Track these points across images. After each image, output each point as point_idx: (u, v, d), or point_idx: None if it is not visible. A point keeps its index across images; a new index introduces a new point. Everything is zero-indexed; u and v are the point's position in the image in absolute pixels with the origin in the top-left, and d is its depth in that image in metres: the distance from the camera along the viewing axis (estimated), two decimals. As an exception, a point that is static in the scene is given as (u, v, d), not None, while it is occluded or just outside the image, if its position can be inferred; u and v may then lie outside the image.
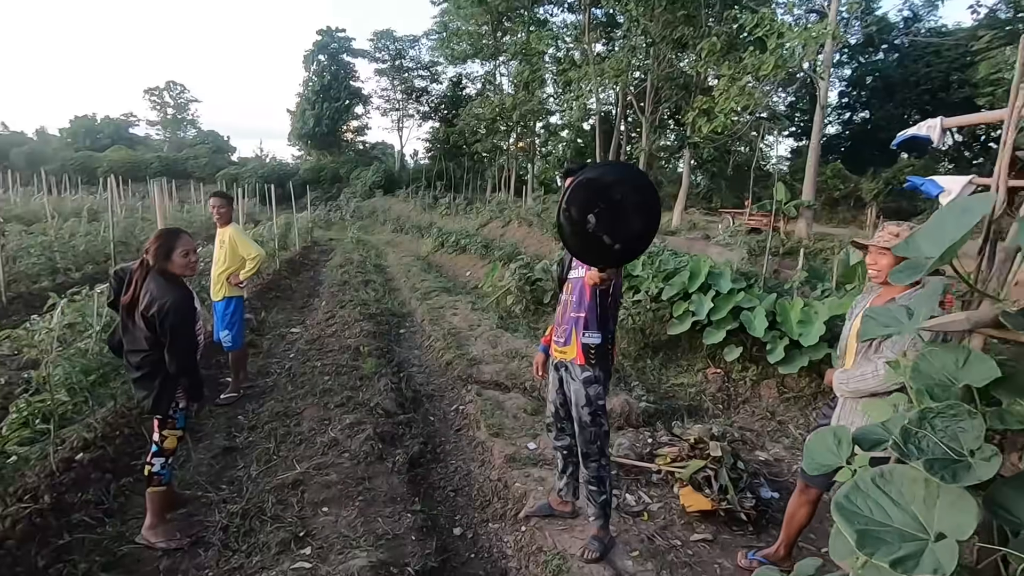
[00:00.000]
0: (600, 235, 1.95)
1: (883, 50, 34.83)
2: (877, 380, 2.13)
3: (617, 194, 1.94)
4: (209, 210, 4.75)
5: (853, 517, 1.15)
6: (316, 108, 39.05)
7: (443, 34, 33.28)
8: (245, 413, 4.42)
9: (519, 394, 4.92)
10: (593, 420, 2.61)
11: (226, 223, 4.56)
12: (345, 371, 5.20)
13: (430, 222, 17.98)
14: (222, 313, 4.56)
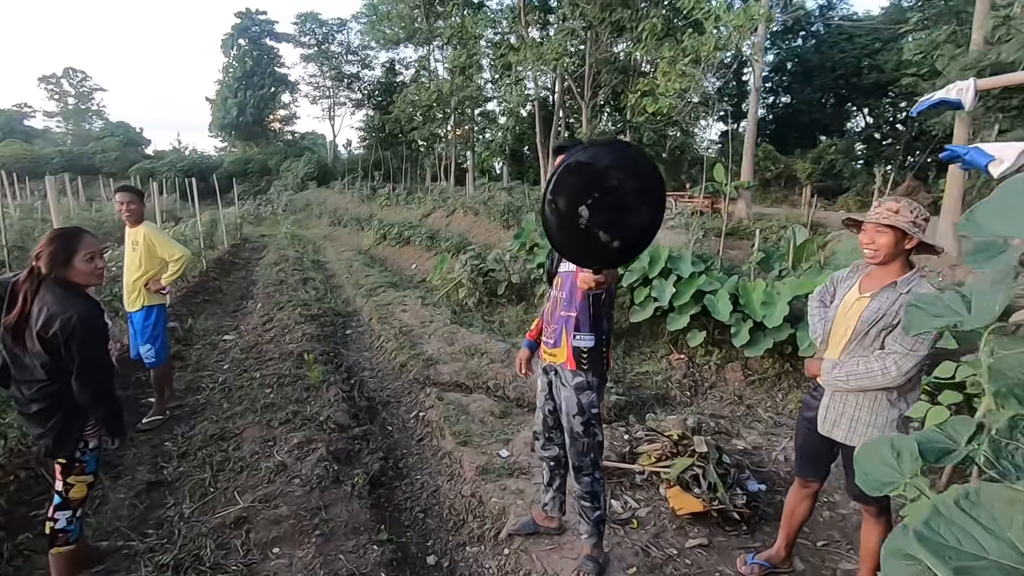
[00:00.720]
0: (595, 231, 1.57)
1: (801, 36, 36.50)
2: (888, 378, 1.95)
3: (614, 180, 1.54)
4: (116, 207, 4.11)
5: (941, 550, 0.90)
6: (239, 96, 36.66)
7: (372, 17, 31.95)
8: (173, 438, 3.87)
9: (483, 395, 4.61)
10: (586, 430, 2.33)
11: (138, 221, 3.95)
12: (288, 381, 4.71)
13: (370, 214, 17.23)
14: (141, 325, 3.97)
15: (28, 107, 52.59)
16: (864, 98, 32.05)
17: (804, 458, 2.39)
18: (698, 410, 4.56)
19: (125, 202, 3.88)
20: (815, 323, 2.36)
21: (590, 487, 2.40)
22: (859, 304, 2.08)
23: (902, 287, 1.98)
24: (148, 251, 3.86)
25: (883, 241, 2.04)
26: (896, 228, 1.99)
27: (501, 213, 10.96)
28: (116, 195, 3.93)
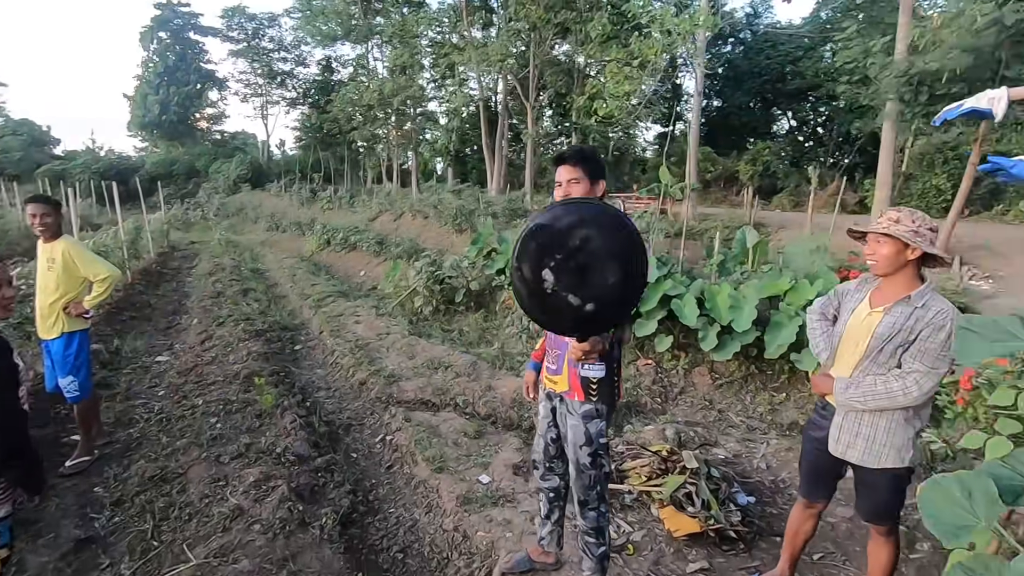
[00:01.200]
0: (563, 295, 1.48)
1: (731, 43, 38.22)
2: (909, 399, 1.87)
3: (576, 239, 1.47)
4: (27, 220, 3.56)
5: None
6: (160, 93, 34.24)
7: (307, 12, 30.69)
8: (104, 483, 3.40)
9: (453, 413, 4.36)
10: (593, 462, 2.15)
11: (54, 236, 3.44)
12: (237, 408, 4.28)
13: (311, 218, 16.45)
14: (61, 355, 3.46)
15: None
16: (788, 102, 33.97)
17: (812, 479, 2.30)
18: (672, 418, 4.50)
19: (39, 215, 3.36)
20: (817, 338, 2.27)
21: (595, 522, 2.22)
22: (871, 319, 2.01)
23: (916, 301, 1.92)
24: (67, 270, 3.37)
25: (884, 252, 1.97)
26: (896, 238, 1.93)
27: (453, 217, 10.67)
28: (28, 207, 3.40)
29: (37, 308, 3.52)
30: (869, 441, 1.98)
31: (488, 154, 22.53)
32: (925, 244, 1.90)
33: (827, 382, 2.10)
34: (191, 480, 3.29)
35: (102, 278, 3.44)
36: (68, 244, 3.44)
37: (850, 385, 2.00)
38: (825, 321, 2.27)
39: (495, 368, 5.26)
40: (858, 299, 2.11)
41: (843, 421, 2.05)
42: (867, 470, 2.00)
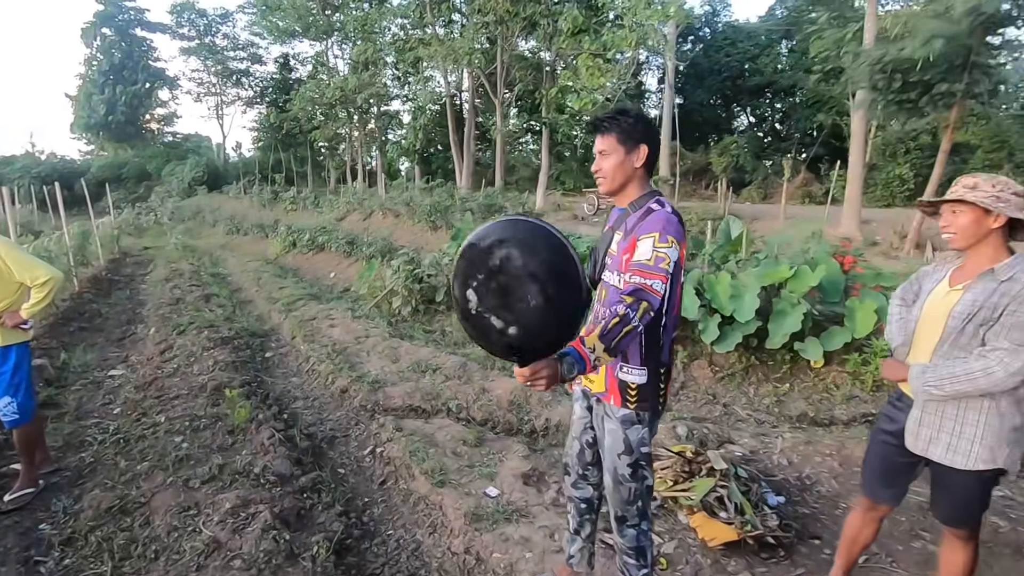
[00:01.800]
0: (487, 317, 1.38)
1: (691, 41, 38.81)
2: (991, 380, 1.63)
3: (497, 259, 1.37)
4: None
5: None
6: (107, 92, 32.44)
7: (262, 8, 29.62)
8: (52, 518, 2.94)
9: (448, 419, 4.03)
10: (634, 473, 1.86)
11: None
12: (205, 424, 3.85)
13: (275, 220, 15.73)
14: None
15: None
16: (747, 99, 34.79)
17: (881, 478, 2.06)
18: (678, 414, 4.28)
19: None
20: (891, 323, 2.04)
21: (636, 541, 1.94)
22: (950, 298, 1.79)
23: (1002, 274, 1.70)
24: (0, 274, 2.91)
25: (961, 222, 1.76)
26: (974, 205, 1.72)
27: (428, 214, 10.27)
28: None
29: None
30: (955, 436, 1.76)
31: (456, 152, 22.16)
32: (1010, 209, 1.68)
33: (899, 368, 1.88)
34: (155, 510, 2.86)
35: (41, 282, 2.97)
36: (2, 245, 2.96)
37: (926, 370, 1.77)
38: (904, 307, 2.05)
39: (486, 369, 4.94)
40: (937, 279, 1.89)
41: (922, 413, 1.82)
42: (951, 470, 1.77)
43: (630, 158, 1.77)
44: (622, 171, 1.77)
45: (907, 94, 7.99)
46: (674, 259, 1.61)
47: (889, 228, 10.31)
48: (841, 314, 4.64)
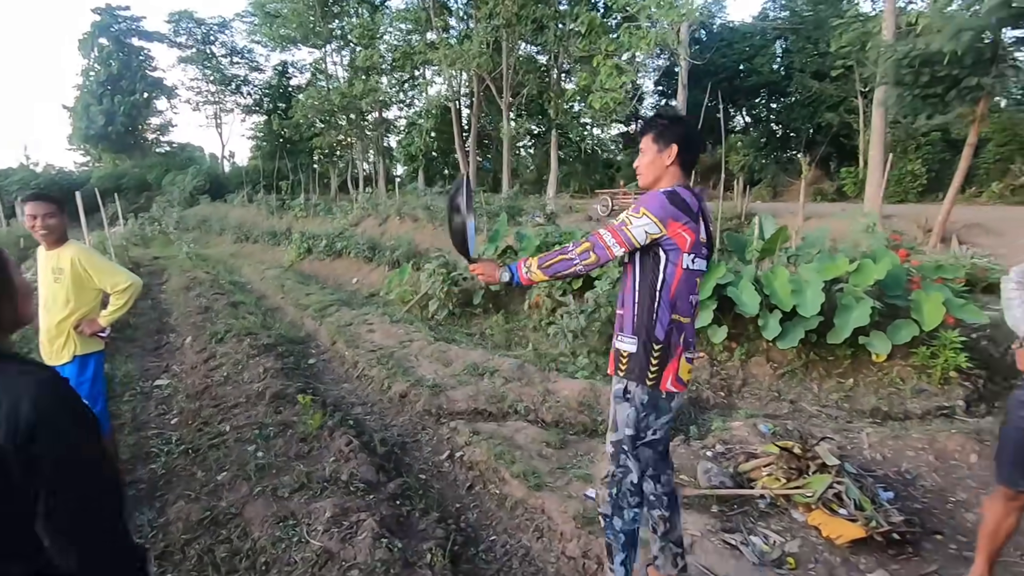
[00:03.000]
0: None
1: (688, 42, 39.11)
2: None
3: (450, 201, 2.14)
4: (25, 224, 2.91)
5: None
6: (105, 103, 32.22)
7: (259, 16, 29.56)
8: (140, 531, 2.84)
9: (522, 422, 3.95)
10: (615, 454, 1.98)
11: (59, 241, 2.85)
12: (275, 432, 3.75)
13: (286, 227, 15.63)
14: (75, 382, 2.87)
15: None
16: (744, 99, 35.02)
17: (1021, 464, 2.03)
18: (748, 411, 4.22)
19: (40, 215, 2.74)
20: (1014, 308, 2.01)
21: (606, 534, 2.05)
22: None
23: None
24: (78, 282, 2.80)
25: None
26: None
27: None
28: (27, 205, 2.77)
29: (42, 328, 2.93)
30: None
31: (462, 156, 22.12)
32: None
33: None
34: (250, 521, 2.77)
35: (122, 288, 2.88)
36: (78, 250, 2.87)
37: None
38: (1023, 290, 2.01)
39: (544, 371, 4.87)
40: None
41: None
42: None
43: (661, 156, 1.90)
44: (653, 168, 1.92)
45: (933, 88, 8.01)
46: (643, 227, 1.78)
47: (910, 223, 10.32)
48: (904, 307, 4.60)
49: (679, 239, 1.80)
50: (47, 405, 0.93)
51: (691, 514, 2.70)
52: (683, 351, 1.89)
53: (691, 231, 1.80)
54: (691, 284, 1.87)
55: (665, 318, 1.85)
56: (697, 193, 1.88)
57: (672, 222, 1.78)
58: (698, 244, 1.83)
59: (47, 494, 0.92)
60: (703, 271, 1.91)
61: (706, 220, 1.88)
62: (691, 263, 1.84)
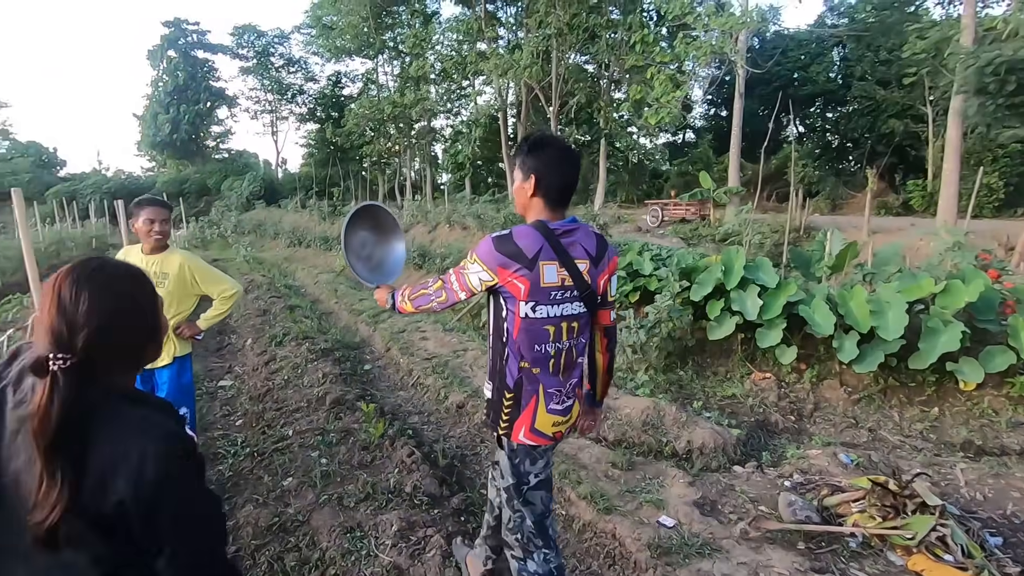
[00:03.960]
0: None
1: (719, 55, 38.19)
2: None
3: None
4: (138, 228, 2.84)
5: None
6: (171, 112, 34.02)
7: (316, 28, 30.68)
8: (211, 533, 2.87)
9: (584, 440, 3.84)
10: (508, 501, 1.91)
11: (164, 246, 2.92)
12: (337, 439, 3.78)
13: (338, 232, 16.01)
14: (175, 383, 2.92)
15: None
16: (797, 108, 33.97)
17: None
18: (826, 438, 3.99)
19: (158, 220, 2.79)
20: None
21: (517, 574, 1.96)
22: None
23: None
24: (182, 287, 2.87)
25: None
26: None
27: (503, 226, 10.21)
28: (143, 210, 2.79)
29: None
30: None
31: (509, 165, 22.22)
32: None
33: None
34: (318, 530, 2.77)
35: (229, 295, 2.98)
36: (186, 258, 2.94)
37: None
38: None
39: (602, 386, 4.74)
40: None
41: None
42: None
43: (523, 186, 1.77)
44: (519, 197, 1.82)
45: (1021, 97, 7.49)
46: (476, 274, 1.71)
47: (989, 240, 9.67)
48: (997, 333, 4.27)
49: (511, 287, 1.69)
50: (172, 461, 0.92)
51: (776, 550, 2.53)
52: (543, 403, 1.77)
53: (523, 279, 1.66)
54: (537, 333, 1.72)
55: (514, 367, 1.76)
56: (567, 228, 1.73)
57: (501, 269, 1.68)
58: (539, 290, 1.68)
59: (163, 547, 0.92)
60: (560, 316, 1.73)
61: (567, 258, 1.70)
62: (531, 311, 1.70)
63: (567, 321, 1.75)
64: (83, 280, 0.94)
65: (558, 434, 1.84)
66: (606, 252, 1.79)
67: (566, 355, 1.78)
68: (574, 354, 1.81)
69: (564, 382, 1.80)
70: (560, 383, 1.79)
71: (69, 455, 0.87)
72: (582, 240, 1.75)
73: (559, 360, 1.77)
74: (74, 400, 0.88)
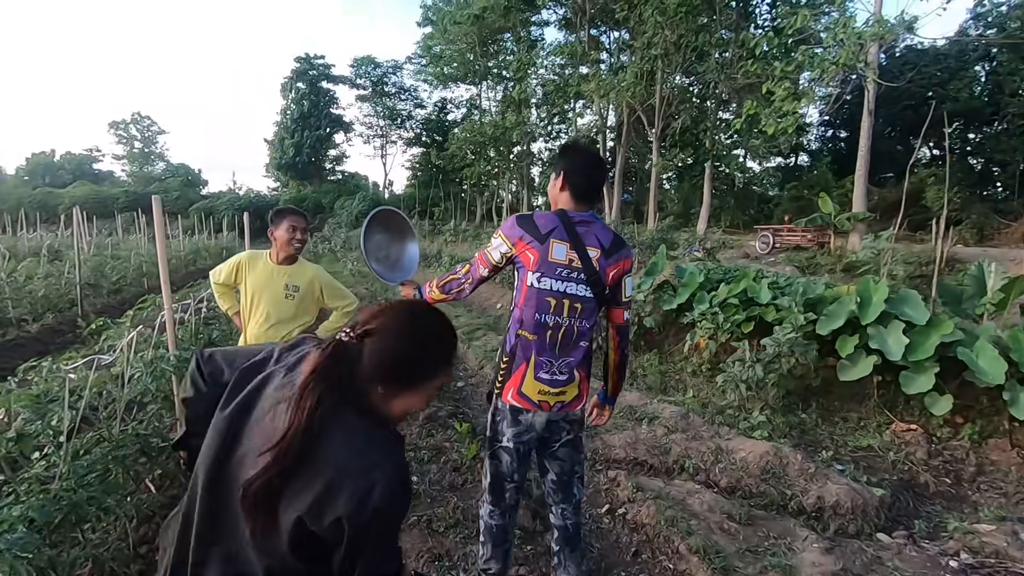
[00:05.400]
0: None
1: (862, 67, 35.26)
2: None
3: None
4: (279, 235, 2.84)
5: None
6: (295, 137, 37.45)
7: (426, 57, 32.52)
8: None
9: (693, 483, 3.45)
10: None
11: (297, 258, 2.94)
12: (428, 457, 3.68)
13: (437, 250, 16.53)
14: None
15: (97, 151, 55.19)
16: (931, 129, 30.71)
17: None
18: (998, 511, 3.29)
19: (299, 227, 2.85)
20: None
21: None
22: None
23: None
24: (310, 300, 2.91)
25: None
26: None
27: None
28: (285, 218, 2.83)
29: (256, 341, 2.90)
30: None
31: (607, 188, 21.93)
32: None
33: None
34: (406, 552, 2.63)
35: (351, 309, 3.03)
36: (319, 271, 3.01)
37: None
38: None
39: (711, 423, 4.30)
40: None
41: None
42: None
43: (555, 183, 2.00)
44: (552, 193, 2.03)
45: None
46: (496, 248, 1.95)
47: None
48: None
49: (524, 257, 1.89)
50: (395, 490, 0.93)
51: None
52: (532, 370, 1.90)
53: (534, 250, 1.87)
54: (539, 302, 1.88)
55: (513, 331, 1.94)
56: (585, 219, 1.91)
57: (518, 240, 1.90)
58: (547, 264, 1.86)
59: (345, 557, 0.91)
60: (563, 293, 1.88)
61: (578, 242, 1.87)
62: (536, 281, 1.88)
63: (570, 300, 1.89)
64: (415, 315, 1.08)
65: (544, 404, 1.93)
66: (620, 248, 1.94)
67: (564, 332, 1.90)
68: (574, 334, 1.91)
69: (558, 357, 1.91)
70: (553, 356, 1.91)
71: (310, 426, 0.91)
72: (597, 232, 1.92)
73: (556, 334, 1.90)
74: (345, 375, 0.96)
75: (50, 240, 14.99)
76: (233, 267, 2.91)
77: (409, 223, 2.65)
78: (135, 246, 15.03)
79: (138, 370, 2.83)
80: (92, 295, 9.40)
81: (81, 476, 2.15)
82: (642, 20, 15.29)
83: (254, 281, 2.85)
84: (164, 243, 3.18)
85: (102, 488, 2.18)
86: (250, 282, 2.86)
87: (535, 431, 2.00)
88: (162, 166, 53.58)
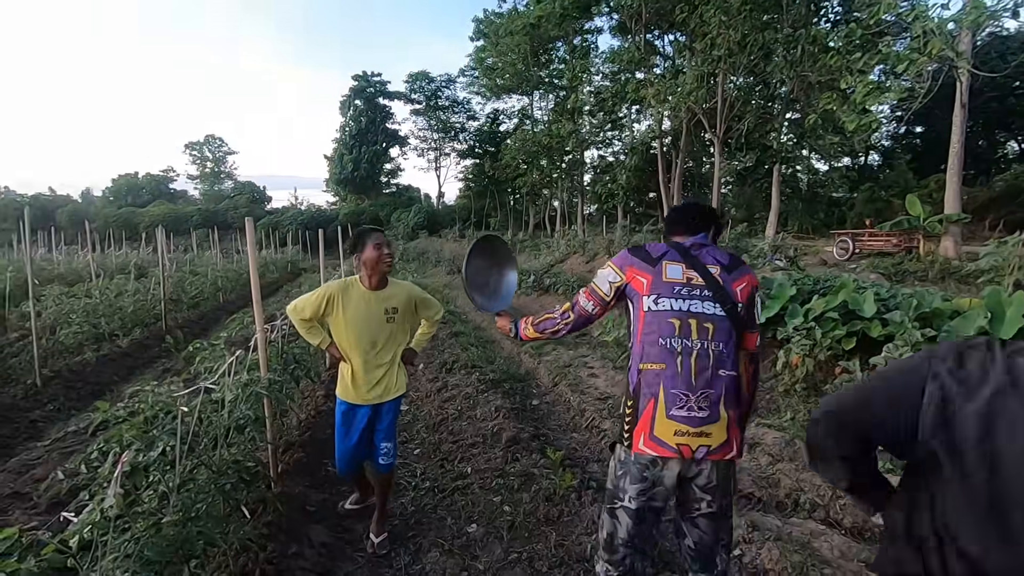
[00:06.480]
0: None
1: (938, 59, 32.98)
2: None
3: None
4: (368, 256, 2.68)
5: None
6: (354, 152, 38.72)
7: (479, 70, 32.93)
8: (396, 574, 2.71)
9: (813, 523, 3.12)
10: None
11: (386, 278, 2.81)
12: (516, 483, 3.51)
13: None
14: (393, 416, 2.87)
15: (173, 171, 58.97)
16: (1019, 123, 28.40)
17: None
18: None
19: (384, 243, 2.72)
20: None
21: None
22: None
23: None
24: (408, 317, 2.84)
25: None
26: None
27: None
28: (371, 237, 2.70)
29: (364, 370, 2.74)
30: None
31: (665, 194, 21.34)
32: None
33: None
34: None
35: (439, 318, 3.01)
36: (411, 289, 2.91)
37: None
38: None
39: (820, 452, 3.92)
40: None
41: None
42: None
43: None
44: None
45: None
46: (606, 278, 1.86)
47: None
48: None
49: (635, 283, 1.79)
50: None
51: None
52: (663, 407, 1.64)
53: (646, 273, 1.77)
54: (660, 326, 1.70)
55: (634, 368, 1.73)
56: (698, 243, 1.83)
57: (629, 268, 1.81)
58: (661, 284, 1.74)
59: None
60: (687, 312, 1.70)
61: (695, 261, 1.77)
62: (653, 304, 1.73)
63: (697, 319, 1.69)
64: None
65: (684, 448, 1.63)
66: (739, 265, 1.81)
67: (698, 355, 1.66)
68: (710, 358, 1.67)
69: (695, 388, 1.64)
70: (688, 387, 1.64)
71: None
72: (712, 251, 1.82)
73: (688, 359, 1.66)
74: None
75: (134, 258, 15.96)
76: (321, 300, 2.70)
77: (510, 250, 2.53)
78: (209, 262, 15.77)
79: (235, 394, 2.81)
80: (173, 309, 9.84)
81: (188, 508, 2.10)
82: (704, 21, 14.81)
83: (353, 312, 2.69)
84: (256, 264, 3.17)
85: (208, 522, 2.12)
86: (349, 314, 2.69)
87: (664, 488, 1.69)
88: (231, 184, 56.64)
